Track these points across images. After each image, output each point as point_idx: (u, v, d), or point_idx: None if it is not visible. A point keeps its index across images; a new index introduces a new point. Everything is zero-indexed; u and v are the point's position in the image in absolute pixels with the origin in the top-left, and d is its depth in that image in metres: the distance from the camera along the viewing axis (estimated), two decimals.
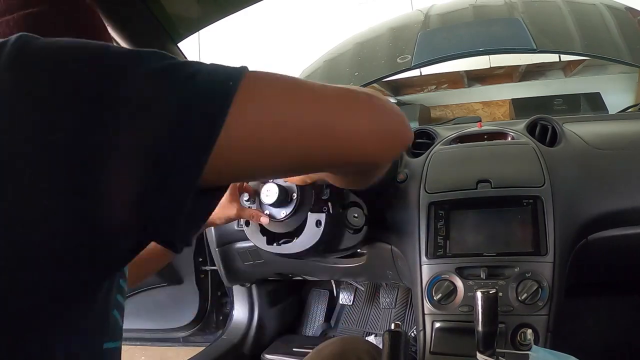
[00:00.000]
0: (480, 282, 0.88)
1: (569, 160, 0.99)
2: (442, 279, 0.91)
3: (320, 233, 0.88)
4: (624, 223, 0.95)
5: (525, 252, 0.89)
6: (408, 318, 1.67)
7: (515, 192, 0.94)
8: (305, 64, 1.80)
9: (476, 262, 0.90)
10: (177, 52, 1.21)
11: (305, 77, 1.69)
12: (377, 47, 1.61)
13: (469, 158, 1.05)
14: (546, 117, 1.11)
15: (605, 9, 1.45)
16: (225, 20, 1.17)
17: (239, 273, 1.36)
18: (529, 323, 0.84)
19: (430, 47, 1.44)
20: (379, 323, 1.72)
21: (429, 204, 0.97)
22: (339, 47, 1.75)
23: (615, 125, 1.18)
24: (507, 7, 1.54)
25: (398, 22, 1.73)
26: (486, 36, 1.44)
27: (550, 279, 0.86)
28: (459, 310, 0.88)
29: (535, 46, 1.29)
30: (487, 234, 0.92)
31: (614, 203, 0.94)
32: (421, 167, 1.04)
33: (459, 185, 0.97)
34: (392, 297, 1.73)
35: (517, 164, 0.99)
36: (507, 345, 0.82)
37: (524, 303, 0.85)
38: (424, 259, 0.94)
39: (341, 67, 1.63)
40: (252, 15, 2.78)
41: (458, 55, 1.45)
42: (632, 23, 1.47)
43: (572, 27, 1.37)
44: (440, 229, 0.95)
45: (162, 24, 1.11)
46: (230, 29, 2.91)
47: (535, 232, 0.90)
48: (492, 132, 1.13)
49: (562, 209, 0.91)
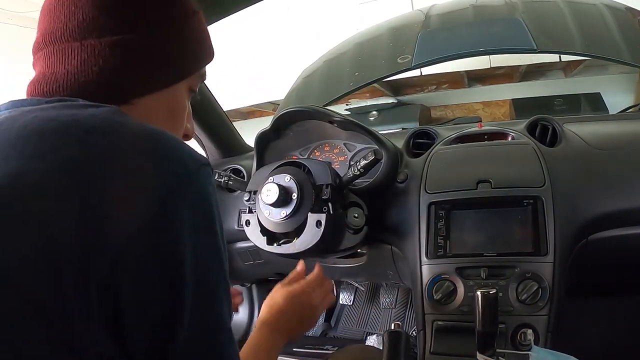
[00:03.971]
0: (480, 282, 0.88)
1: (569, 160, 0.99)
2: (443, 279, 0.91)
3: (321, 233, 0.88)
4: (624, 223, 0.95)
5: (525, 252, 0.89)
6: (408, 318, 1.67)
7: (515, 193, 0.94)
8: (305, 64, 1.80)
9: (476, 262, 0.90)
10: None
11: (306, 77, 1.69)
12: (377, 47, 1.61)
13: (469, 158, 1.05)
14: (546, 117, 1.11)
15: (606, 9, 1.45)
16: (226, 20, 1.17)
17: (239, 273, 1.37)
18: (529, 323, 0.84)
19: (430, 47, 1.44)
20: (379, 323, 1.72)
21: (429, 204, 0.97)
22: (339, 47, 1.75)
23: (616, 125, 1.18)
24: (507, 7, 1.54)
25: (398, 22, 1.72)
26: (486, 36, 1.44)
27: (550, 279, 0.86)
28: (459, 310, 0.88)
29: (536, 46, 1.29)
30: (488, 234, 0.92)
31: (614, 203, 0.94)
32: (421, 167, 1.04)
33: (459, 186, 0.97)
34: (392, 297, 1.73)
35: (518, 164, 0.99)
36: (507, 345, 0.82)
37: (524, 303, 0.85)
38: (424, 259, 0.94)
39: (341, 67, 1.63)
40: (252, 15, 2.79)
41: (458, 55, 1.45)
42: (633, 23, 1.47)
43: (572, 27, 1.37)
44: (441, 229, 0.95)
45: None
46: (230, 29, 2.92)
47: (536, 233, 0.90)
48: (492, 132, 1.13)
49: (563, 209, 0.91)
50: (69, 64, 0.50)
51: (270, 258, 1.17)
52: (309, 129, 1.14)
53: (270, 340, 0.75)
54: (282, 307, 0.79)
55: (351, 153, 1.15)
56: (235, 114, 3.42)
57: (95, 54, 0.50)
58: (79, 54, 0.50)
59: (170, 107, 0.57)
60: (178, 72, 0.56)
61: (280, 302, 0.79)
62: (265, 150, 1.15)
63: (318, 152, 1.19)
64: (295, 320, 0.80)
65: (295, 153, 1.21)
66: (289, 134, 1.16)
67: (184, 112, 0.60)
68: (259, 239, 0.95)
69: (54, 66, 0.51)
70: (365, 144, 1.13)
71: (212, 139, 1.41)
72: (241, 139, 1.52)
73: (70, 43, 0.51)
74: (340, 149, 1.17)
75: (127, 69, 0.52)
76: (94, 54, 0.50)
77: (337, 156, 1.17)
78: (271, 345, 0.75)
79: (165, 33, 0.54)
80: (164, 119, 0.56)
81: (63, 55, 0.51)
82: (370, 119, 2.69)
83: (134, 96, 0.53)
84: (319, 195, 0.90)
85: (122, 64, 0.51)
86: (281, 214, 0.89)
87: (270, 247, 0.94)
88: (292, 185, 0.88)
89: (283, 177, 0.89)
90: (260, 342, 0.74)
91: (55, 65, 0.51)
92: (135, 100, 0.53)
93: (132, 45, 0.51)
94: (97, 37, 0.50)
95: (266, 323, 0.77)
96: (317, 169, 0.92)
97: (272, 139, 1.15)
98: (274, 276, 1.42)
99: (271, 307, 0.79)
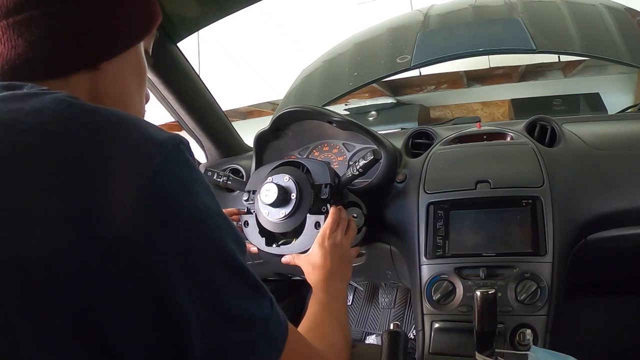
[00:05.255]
0: (479, 282, 0.88)
1: (568, 160, 0.99)
2: (441, 279, 0.91)
3: None
4: (623, 223, 0.95)
5: (524, 253, 0.89)
6: (407, 318, 1.67)
7: (514, 193, 0.94)
8: (304, 64, 1.80)
9: (475, 262, 0.90)
10: (176, 53, 1.21)
11: (305, 76, 1.69)
12: (376, 47, 1.61)
13: (468, 158, 1.05)
14: (545, 117, 1.11)
15: (605, 9, 1.45)
16: (225, 20, 1.17)
17: None
18: (528, 323, 0.84)
19: (429, 48, 1.44)
20: (378, 323, 1.72)
21: (428, 204, 0.97)
22: (339, 47, 1.75)
23: (615, 125, 1.18)
24: (506, 7, 1.54)
25: (397, 23, 1.72)
26: (485, 36, 1.44)
27: (549, 279, 0.86)
28: (458, 310, 0.88)
29: (535, 46, 1.29)
30: (486, 234, 0.92)
31: (613, 203, 0.94)
32: (420, 167, 1.04)
33: (458, 186, 0.97)
34: (391, 297, 1.73)
35: (516, 164, 0.99)
36: (506, 345, 0.82)
37: (523, 303, 0.85)
38: (423, 259, 0.94)
39: (341, 67, 1.63)
40: (251, 15, 2.79)
41: (457, 55, 1.45)
42: (632, 24, 1.47)
43: (571, 27, 1.37)
44: (440, 229, 0.95)
45: (162, 23, 1.11)
46: (229, 29, 2.92)
47: (535, 233, 0.90)
48: (491, 133, 1.13)
49: (561, 210, 0.91)
50: (31, 36, 0.49)
51: (269, 258, 1.17)
52: (308, 129, 1.14)
53: (336, 291, 0.81)
54: (320, 258, 0.84)
55: (350, 153, 1.15)
56: (234, 114, 3.42)
57: (61, 22, 0.49)
58: (38, 25, 0.49)
59: (135, 68, 0.60)
60: (138, 31, 0.58)
61: (316, 256, 0.85)
62: (264, 150, 1.15)
63: (317, 152, 1.19)
64: (342, 265, 0.86)
65: (294, 153, 1.21)
66: (288, 134, 1.16)
67: (146, 71, 0.63)
68: (258, 239, 0.95)
69: (14, 45, 0.49)
70: (364, 144, 1.13)
71: (211, 139, 1.41)
72: (240, 139, 1.52)
73: (28, 13, 0.48)
74: (339, 149, 1.17)
75: (92, 33, 0.52)
76: (60, 20, 0.49)
77: (336, 156, 1.17)
78: (341, 295, 0.82)
79: None
80: (131, 80, 0.59)
81: (24, 27, 0.49)
82: (369, 119, 2.68)
83: (101, 61, 0.54)
84: (318, 195, 0.90)
85: (88, 29, 0.51)
86: (280, 214, 0.89)
87: (269, 248, 0.94)
88: (291, 185, 0.88)
89: (282, 177, 0.89)
90: (327, 297, 0.78)
91: (15, 43, 0.49)
92: (102, 65, 0.54)
93: (95, 10, 0.52)
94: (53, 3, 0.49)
95: (323, 280, 0.82)
96: (316, 169, 0.92)
97: (271, 138, 1.15)
98: (273, 276, 1.42)
99: (313, 264, 0.84)
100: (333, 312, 0.76)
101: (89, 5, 0.51)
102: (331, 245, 0.85)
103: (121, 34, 0.55)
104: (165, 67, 1.18)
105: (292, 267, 0.92)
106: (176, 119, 1.34)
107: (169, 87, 1.22)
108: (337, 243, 0.87)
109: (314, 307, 0.76)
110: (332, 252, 0.85)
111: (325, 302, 0.77)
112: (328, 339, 0.69)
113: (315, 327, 0.71)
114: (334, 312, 0.76)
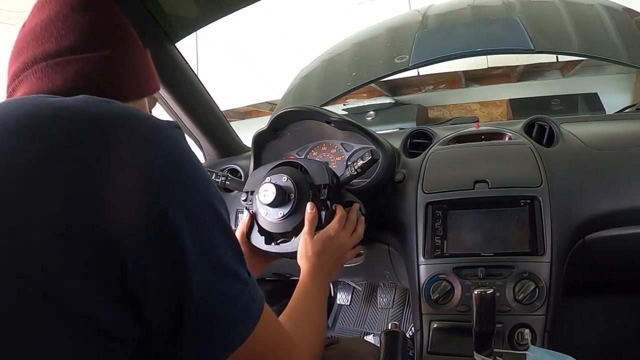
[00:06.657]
0: (477, 282, 0.88)
1: (567, 160, 0.99)
2: (440, 279, 0.91)
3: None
4: (621, 223, 0.95)
5: (522, 252, 0.89)
6: (405, 318, 1.67)
7: (512, 193, 0.94)
8: (303, 63, 1.80)
9: (474, 262, 0.90)
10: (175, 52, 1.21)
11: (303, 76, 1.69)
12: (375, 47, 1.61)
13: (467, 158, 1.05)
14: (544, 117, 1.11)
15: (603, 9, 1.45)
16: (224, 20, 1.17)
17: None
18: (526, 323, 0.84)
19: (427, 48, 1.44)
20: (377, 323, 1.72)
21: (427, 204, 0.97)
22: (337, 47, 1.75)
23: (613, 125, 1.18)
24: (504, 7, 1.54)
25: (396, 23, 1.72)
26: (484, 36, 1.44)
27: (547, 279, 0.86)
28: (456, 310, 0.88)
29: (533, 46, 1.29)
30: (485, 234, 0.92)
31: (611, 203, 0.94)
32: (419, 167, 1.04)
33: (457, 186, 0.97)
34: (389, 297, 1.73)
35: (515, 164, 0.99)
36: (504, 345, 0.82)
37: (522, 303, 0.85)
38: (421, 259, 0.94)
39: (339, 67, 1.63)
40: (250, 14, 2.79)
41: (456, 55, 1.45)
42: (630, 24, 1.47)
43: (569, 27, 1.37)
44: (438, 229, 0.95)
45: (160, 23, 1.11)
46: (228, 29, 2.91)
47: (533, 232, 0.90)
48: (489, 133, 1.13)
49: (560, 209, 0.91)
50: (66, 74, 0.57)
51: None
52: (306, 129, 1.14)
53: (315, 285, 0.82)
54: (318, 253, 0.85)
55: (348, 153, 1.15)
56: (233, 114, 3.42)
57: (91, 65, 0.58)
58: (74, 66, 0.58)
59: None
60: (149, 84, 0.67)
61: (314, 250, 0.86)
62: (262, 150, 1.15)
63: (315, 152, 1.19)
64: (331, 262, 0.87)
65: (293, 153, 1.21)
66: (286, 134, 1.16)
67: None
68: (257, 238, 0.95)
69: (51, 79, 0.57)
70: (362, 144, 1.13)
71: (210, 139, 1.41)
72: (238, 139, 1.52)
73: (64, 58, 0.58)
74: (337, 149, 1.17)
75: (117, 78, 0.61)
76: (90, 64, 0.58)
77: (335, 156, 1.17)
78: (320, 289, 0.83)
79: (139, 51, 0.66)
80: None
81: (60, 67, 0.57)
82: (367, 119, 2.68)
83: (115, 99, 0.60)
84: (317, 195, 0.90)
85: (113, 73, 0.61)
86: (279, 214, 0.89)
87: (268, 246, 0.94)
88: (289, 185, 0.88)
89: (280, 177, 0.89)
90: (307, 287, 0.81)
91: (52, 78, 0.57)
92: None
93: (117, 58, 0.61)
94: (87, 53, 0.59)
95: (308, 270, 0.84)
96: (315, 169, 0.92)
97: (270, 139, 1.15)
98: (271, 276, 1.42)
99: (309, 257, 0.85)
100: (315, 305, 0.79)
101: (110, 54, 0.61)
102: (335, 243, 0.87)
103: (133, 86, 0.64)
104: (163, 67, 1.18)
105: (291, 267, 0.92)
106: (174, 118, 1.34)
107: (167, 87, 1.22)
108: (341, 243, 0.88)
109: (297, 297, 0.79)
110: (332, 251, 0.86)
111: (310, 291, 0.80)
112: (304, 329, 0.72)
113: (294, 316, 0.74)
114: (316, 305, 0.79)
